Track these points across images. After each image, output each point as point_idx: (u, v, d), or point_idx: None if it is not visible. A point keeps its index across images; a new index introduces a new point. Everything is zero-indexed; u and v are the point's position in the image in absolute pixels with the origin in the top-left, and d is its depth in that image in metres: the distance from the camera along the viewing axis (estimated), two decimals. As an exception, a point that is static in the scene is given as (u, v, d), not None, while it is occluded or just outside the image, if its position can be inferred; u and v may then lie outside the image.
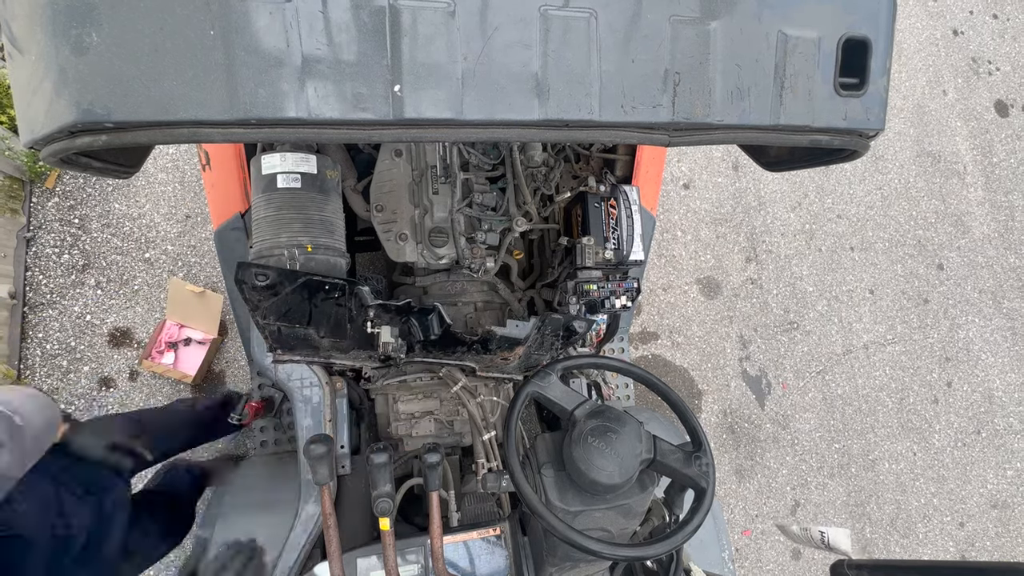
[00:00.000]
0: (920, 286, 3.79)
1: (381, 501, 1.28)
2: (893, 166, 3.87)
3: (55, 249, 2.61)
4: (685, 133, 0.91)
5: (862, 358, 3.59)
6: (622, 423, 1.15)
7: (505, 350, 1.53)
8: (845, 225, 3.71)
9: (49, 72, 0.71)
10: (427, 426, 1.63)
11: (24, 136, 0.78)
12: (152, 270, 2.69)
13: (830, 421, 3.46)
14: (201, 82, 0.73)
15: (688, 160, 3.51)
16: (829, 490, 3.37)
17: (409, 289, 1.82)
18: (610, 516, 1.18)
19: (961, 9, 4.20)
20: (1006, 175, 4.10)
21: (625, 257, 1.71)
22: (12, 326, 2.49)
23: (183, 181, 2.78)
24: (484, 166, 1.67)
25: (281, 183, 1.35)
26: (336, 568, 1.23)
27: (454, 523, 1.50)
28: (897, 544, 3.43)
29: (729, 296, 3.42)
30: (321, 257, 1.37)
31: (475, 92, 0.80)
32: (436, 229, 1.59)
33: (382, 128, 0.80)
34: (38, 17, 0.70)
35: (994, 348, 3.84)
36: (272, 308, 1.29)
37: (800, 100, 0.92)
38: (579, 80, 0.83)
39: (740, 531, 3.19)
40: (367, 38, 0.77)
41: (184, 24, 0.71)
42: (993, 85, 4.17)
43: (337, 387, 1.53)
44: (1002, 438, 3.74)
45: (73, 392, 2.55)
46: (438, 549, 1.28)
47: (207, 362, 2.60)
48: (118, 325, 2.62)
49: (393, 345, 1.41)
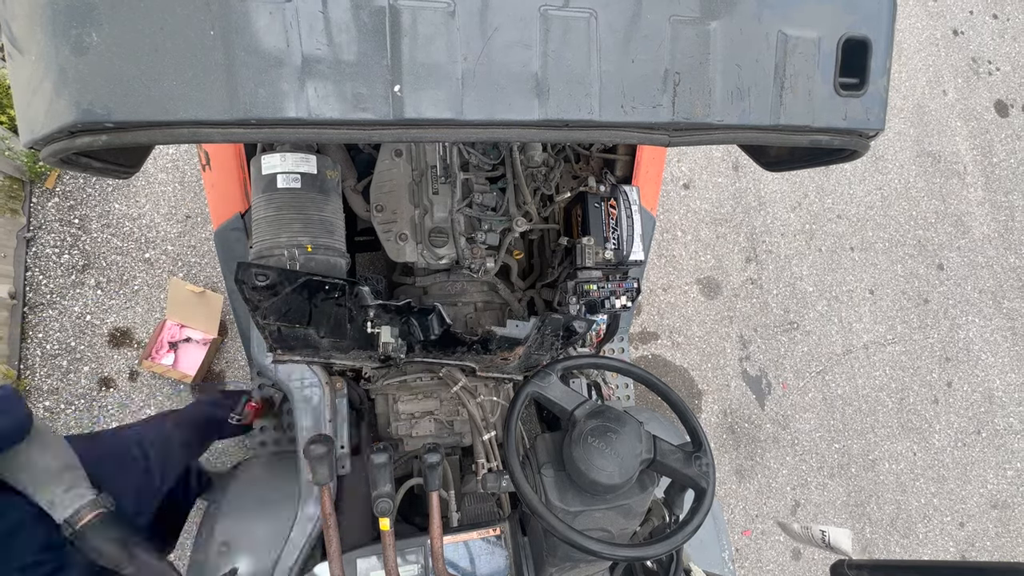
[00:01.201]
0: (920, 286, 3.78)
1: (381, 501, 1.28)
2: (893, 166, 3.87)
3: (55, 249, 2.61)
4: (685, 133, 0.91)
5: (862, 358, 3.59)
6: (622, 423, 1.15)
7: (505, 350, 1.53)
8: (845, 225, 3.71)
9: (49, 72, 0.71)
10: (427, 426, 1.63)
11: (24, 136, 0.78)
12: (152, 270, 2.69)
13: (830, 421, 3.46)
14: (201, 82, 0.73)
15: (688, 160, 3.51)
16: (829, 490, 3.37)
17: (409, 289, 1.82)
18: (610, 516, 1.18)
19: (961, 9, 4.20)
20: (1006, 175, 4.10)
21: (625, 257, 1.71)
22: (12, 326, 2.49)
23: (183, 181, 2.78)
24: (484, 166, 1.67)
25: (281, 183, 1.35)
26: (336, 568, 1.23)
27: (454, 523, 1.50)
28: (897, 544, 3.43)
29: (729, 296, 3.42)
30: (321, 257, 1.37)
31: (475, 92, 0.80)
32: (436, 229, 1.59)
33: (382, 128, 0.80)
34: (38, 17, 0.70)
35: (994, 348, 3.84)
36: (272, 308, 1.29)
37: (800, 100, 0.92)
38: (579, 80, 0.83)
39: (740, 531, 3.19)
40: (367, 38, 0.77)
41: (184, 24, 0.71)
42: (993, 85, 4.17)
43: (337, 387, 1.53)
44: (1002, 438, 3.74)
45: (73, 392, 2.55)
46: (438, 549, 1.28)
47: (207, 362, 2.60)
48: (118, 325, 2.62)
49: (393, 345, 1.41)
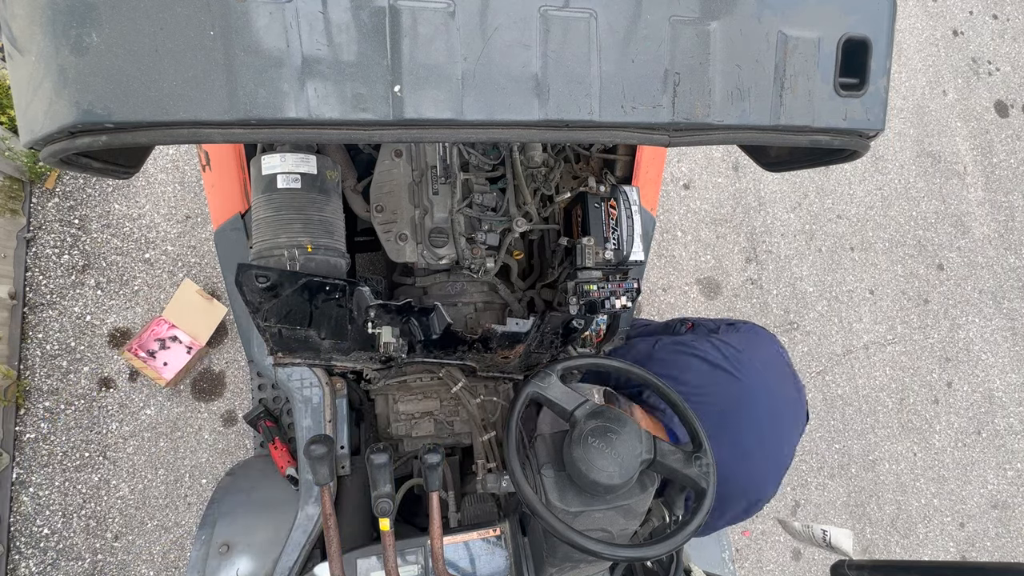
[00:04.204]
0: (920, 286, 3.78)
1: (381, 501, 1.28)
2: (893, 166, 3.87)
3: (55, 249, 2.61)
4: (685, 133, 0.91)
5: (862, 358, 3.59)
6: (622, 423, 1.15)
7: (506, 348, 1.53)
8: (845, 225, 3.71)
9: (49, 72, 0.71)
10: (427, 426, 1.63)
11: (24, 136, 0.78)
12: (152, 271, 2.69)
13: (830, 421, 3.46)
14: (201, 82, 0.73)
15: (688, 160, 3.51)
16: (829, 490, 3.37)
17: (409, 290, 1.82)
18: (610, 517, 1.18)
19: (961, 9, 4.20)
20: (1006, 175, 4.10)
21: (625, 257, 1.70)
22: (12, 326, 2.49)
23: (183, 181, 2.78)
24: (484, 166, 1.66)
25: (281, 183, 1.35)
26: (336, 569, 1.23)
27: (454, 523, 1.49)
28: (897, 544, 3.43)
29: (729, 296, 3.42)
30: (321, 258, 1.37)
31: (475, 92, 0.80)
32: (436, 229, 1.59)
33: (382, 128, 0.80)
34: (38, 17, 0.70)
35: (994, 348, 3.84)
36: (273, 310, 1.29)
37: (800, 100, 0.92)
38: (579, 80, 0.83)
39: (740, 531, 3.19)
40: (367, 38, 0.77)
41: (184, 24, 0.71)
42: (993, 85, 4.17)
43: (337, 387, 1.53)
44: (1002, 438, 3.74)
45: (73, 392, 2.55)
46: (438, 549, 1.28)
47: (187, 370, 2.58)
48: (118, 326, 2.62)
49: (394, 345, 1.41)
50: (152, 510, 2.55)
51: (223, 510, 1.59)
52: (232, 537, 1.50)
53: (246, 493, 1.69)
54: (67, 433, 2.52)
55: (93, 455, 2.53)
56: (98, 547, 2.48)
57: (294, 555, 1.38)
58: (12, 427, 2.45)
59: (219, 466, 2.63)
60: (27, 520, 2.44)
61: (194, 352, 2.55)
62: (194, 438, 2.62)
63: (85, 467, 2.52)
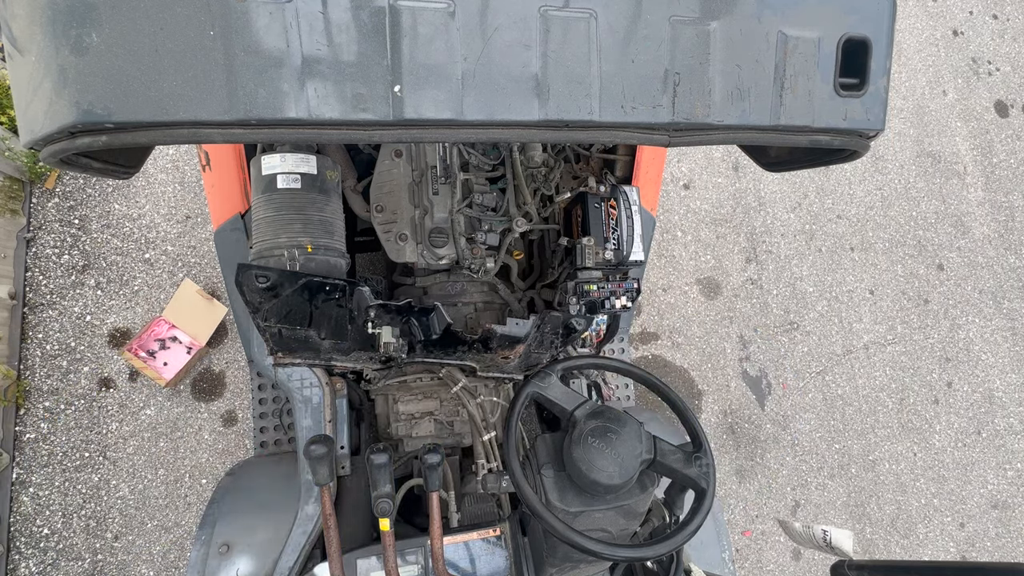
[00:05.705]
0: (920, 286, 3.78)
1: (381, 502, 1.28)
2: (893, 166, 3.87)
3: (55, 250, 2.61)
4: (685, 133, 0.91)
5: (862, 358, 3.59)
6: (622, 423, 1.15)
7: (506, 348, 1.53)
8: (845, 225, 3.71)
9: (49, 72, 0.71)
10: (427, 427, 1.63)
11: (24, 136, 0.78)
12: (152, 271, 2.69)
13: (830, 421, 3.46)
14: (201, 82, 0.73)
15: (688, 160, 3.51)
16: (829, 490, 3.37)
17: (409, 290, 1.82)
18: (610, 517, 1.18)
19: (961, 9, 4.20)
20: (1006, 175, 4.10)
21: (625, 257, 1.70)
22: (12, 326, 2.49)
23: (183, 182, 2.78)
24: (484, 166, 1.67)
25: (281, 184, 1.35)
26: (336, 569, 1.23)
27: (454, 524, 1.49)
28: (897, 545, 3.42)
29: (729, 296, 3.42)
30: (321, 258, 1.37)
31: (475, 93, 0.80)
32: (436, 229, 1.59)
33: (382, 128, 0.80)
34: (38, 17, 0.70)
35: (994, 348, 3.84)
36: (273, 310, 1.29)
37: (800, 100, 0.92)
38: (579, 80, 0.83)
39: (740, 531, 3.18)
40: (367, 38, 0.77)
41: (184, 24, 0.71)
42: (993, 85, 4.17)
43: (337, 387, 1.53)
44: (1002, 438, 3.74)
45: (73, 392, 2.55)
46: (438, 550, 1.28)
47: (187, 370, 2.58)
48: (118, 326, 2.62)
49: (394, 345, 1.41)
50: (152, 510, 2.54)
51: (223, 510, 1.59)
52: (232, 537, 1.50)
53: (246, 493, 1.69)
54: (67, 433, 2.52)
55: (93, 455, 2.53)
56: (98, 547, 2.48)
57: (294, 555, 1.38)
58: (12, 427, 2.45)
59: (219, 466, 2.63)
60: (27, 520, 2.44)
61: (194, 352, 2.55)
62: (194, 438, 2.62)
63: (85, 467, 2.52)
